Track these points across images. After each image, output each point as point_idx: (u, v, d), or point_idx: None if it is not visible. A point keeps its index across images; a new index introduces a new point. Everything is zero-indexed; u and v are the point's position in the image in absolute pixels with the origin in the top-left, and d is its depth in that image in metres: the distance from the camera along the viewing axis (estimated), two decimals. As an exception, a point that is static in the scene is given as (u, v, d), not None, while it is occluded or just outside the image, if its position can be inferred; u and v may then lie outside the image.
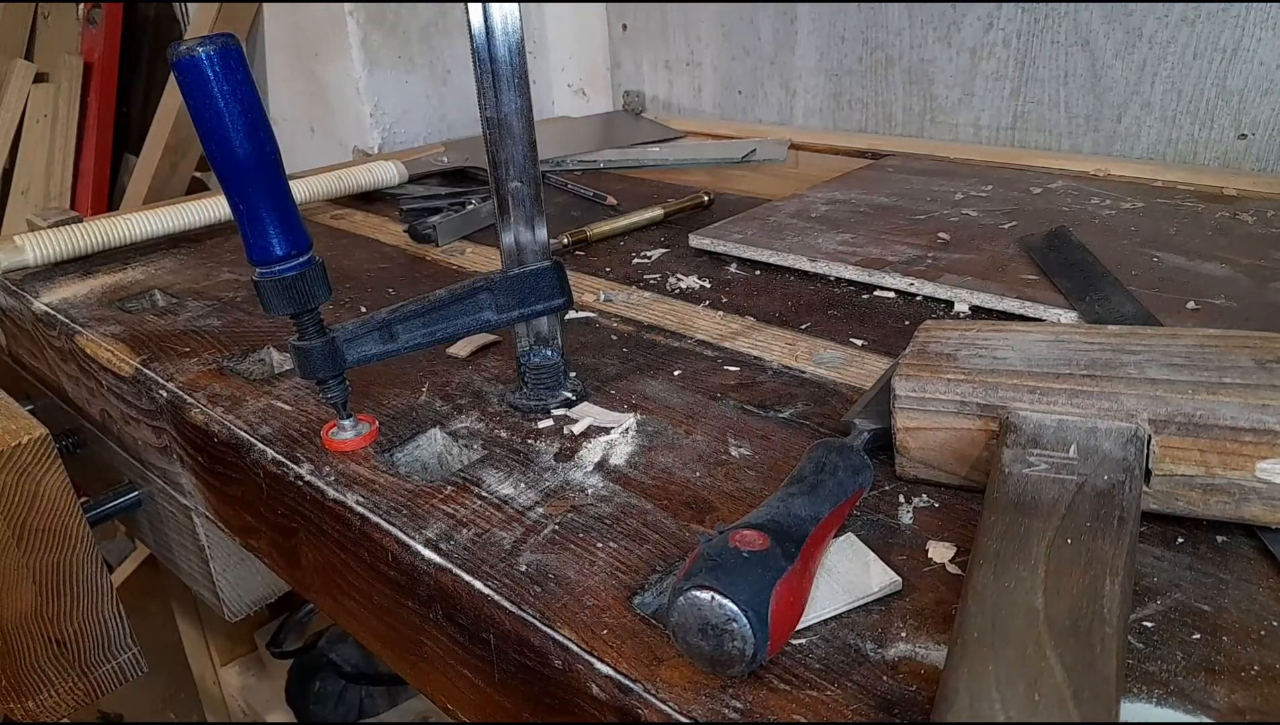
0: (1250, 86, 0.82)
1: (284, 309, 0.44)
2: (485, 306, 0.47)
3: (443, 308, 0.47)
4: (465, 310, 0.47)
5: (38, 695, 0.60)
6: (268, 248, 0.42)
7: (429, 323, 0.47)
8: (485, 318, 0.47)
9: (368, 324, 0.46)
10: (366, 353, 0.46)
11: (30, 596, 0.58)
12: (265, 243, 0.42)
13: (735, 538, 0.31)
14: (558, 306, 0.48)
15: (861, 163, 0.98)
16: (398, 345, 0.47)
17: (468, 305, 0.47)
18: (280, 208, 0.42)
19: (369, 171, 0.94)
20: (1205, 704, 0.29)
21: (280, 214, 0.42)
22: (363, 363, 0.46)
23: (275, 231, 0.42)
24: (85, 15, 1.53)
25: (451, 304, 0.47)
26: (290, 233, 0.43)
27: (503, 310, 0.47)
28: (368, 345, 0.46)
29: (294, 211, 0.43)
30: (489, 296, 0.47)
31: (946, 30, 1.00)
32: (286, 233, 0.42)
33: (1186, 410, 0.35)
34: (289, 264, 0.43)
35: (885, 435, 0.42)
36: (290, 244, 0.43)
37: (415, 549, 0.40)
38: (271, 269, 0.43)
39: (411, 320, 0.47)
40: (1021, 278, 0.61)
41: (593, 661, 0.33)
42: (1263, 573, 0.35)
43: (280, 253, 0.42)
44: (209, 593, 0.64)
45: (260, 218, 0.42)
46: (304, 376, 0.46)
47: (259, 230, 0.42)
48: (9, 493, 0.55)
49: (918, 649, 0.32)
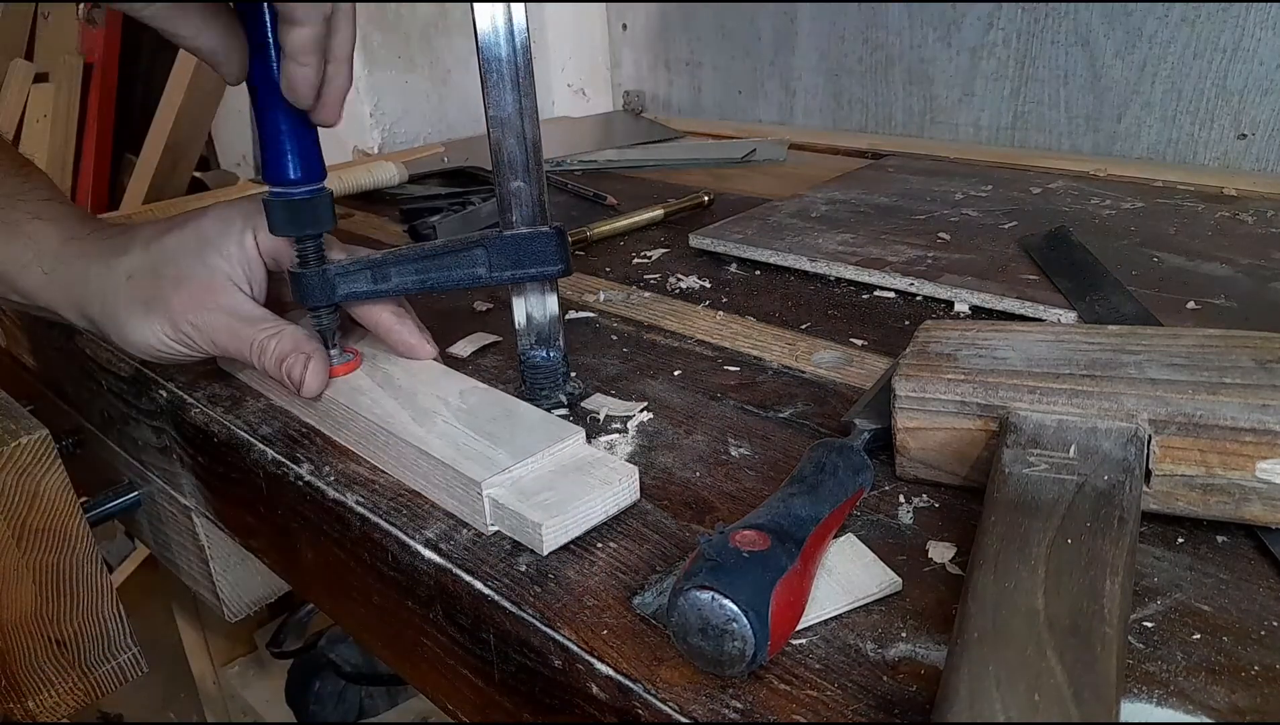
0: (1250, 86, 0.83)
1: (289, 231, 0.47)
2: (479, 262, 0.48)
3: (437, 257, 0.49)
4: (459, 262, 0.48)
5: (38, 695, 0.60)
6: (282, 168, 0.45)
7: (421, 269, 0.49)
8: (477, 273, 0.48)
9: (360, 262, 0.49)
10: (357, 289, 0.49)
11: (30, 596, 0.58)
12: (281, 163, 0.45)
13: (735, 538, 0.31)
14: (554, 272, 0.48)
15: (861, 163, 0.98)
16: (389, 286, 0.49)
17: (462, 258, 0.48)
18: (302, 133, 0.45)
19: (369, 171, 0.94)
20: (1205, 704, 0.29)
21: (301, 139, 0.45)
22: (352, 298, 0.49)
23: (293, 155, 0.45)
24: (85, 15, 1.53)
25: (446, 254, 0.49)
26: (307, 158, 0.45)
27: (495, 268, 0.48)
28: (359, 282, 0.49)
29: (315, 141, 0.46)
30: (483, 252, 0.48)
31: (946, 30, 1.00)
32: (303, 158, 0.45)
33: (1187, 410, 0.35)
34: (301, 188, 0.46)
35: (885, 435, 0.42)
36: (305, 169, 0.45)
37: (415, 549, 0.40)
38: (284, 190, 0.46)
39: (404, 263, 0.49)
40: (1021, 278, 0.61)
41: (593, 661, 0.33)
42: (1263, 573, 0.35)
43: (293, 176, 0.45)
44: (209, 593, 0.64)
45: (281, 139, 0.45)
46: (298, 301, 0.49)
47: (278, 150, 0.45)
48: (9, 493, 0.55)
49: (918, 649, 0.32)
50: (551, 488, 0.39)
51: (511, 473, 0.40)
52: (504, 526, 0.39)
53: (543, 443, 0.41)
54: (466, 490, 0.40)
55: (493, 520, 0.39)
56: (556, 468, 0.41)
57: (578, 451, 0.42)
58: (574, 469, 0.41)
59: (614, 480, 0.40)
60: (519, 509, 0.38)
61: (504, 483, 0.39)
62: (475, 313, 0.64)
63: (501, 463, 0.40)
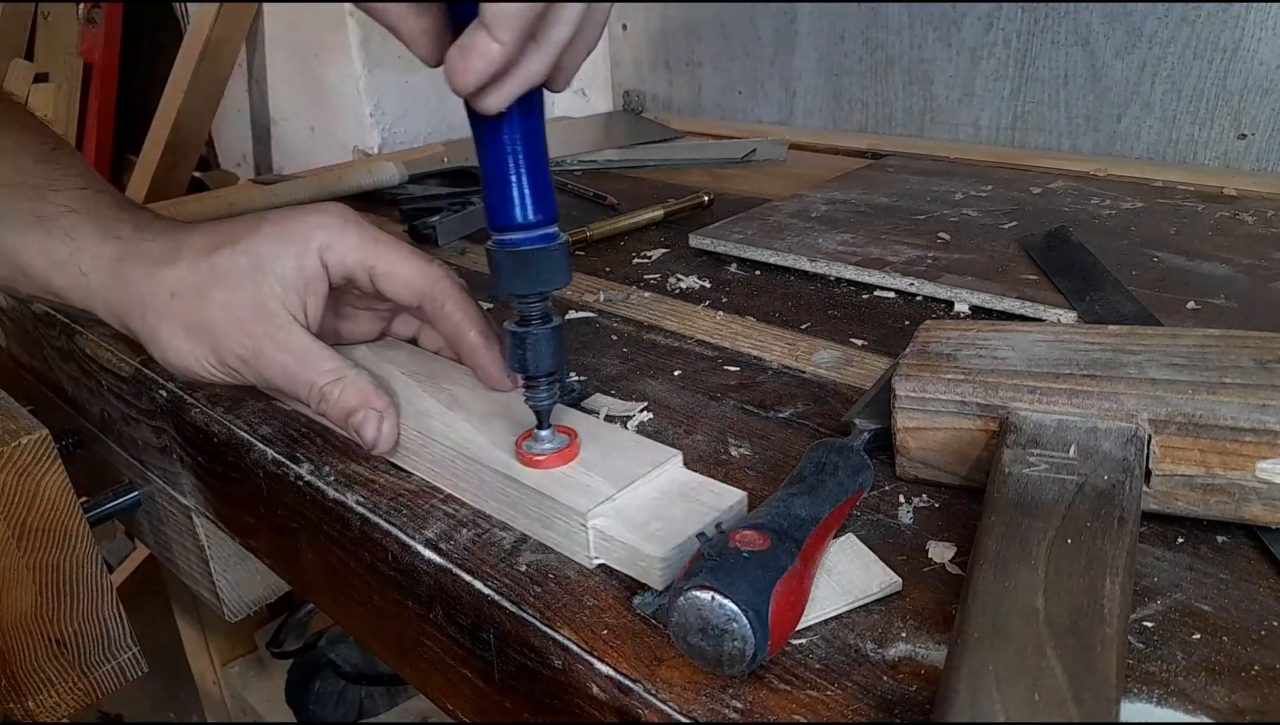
0: (1250, 86, 0.82)
1: (518, 287, 0.38)
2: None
3: None
4: None
5: (38, 695, 0.60)
6: (510, 210, 0.37)
7: None
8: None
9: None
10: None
11: (30, 596, 0.58)
12: (509, 204, 0.36)
13: (735, 538, 0.31)
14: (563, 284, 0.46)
15: (861, 163, 0.98)
16: None
17: None
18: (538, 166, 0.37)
19: (369, 171, 0.94)
20: (1205, 704, 0.29)
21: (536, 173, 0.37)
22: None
23: (527, 191, 0.36)
24: (85, 15, 1.53)
25: None
26: (541, 196, 0.37)
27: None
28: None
29: (547, 176, 0.37)
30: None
31: (946, 30, 1.00)
32: (537, 195, 0.37)
33: (1186, 410, 0.35)
34: (534, 232, 0.37)
35: (885, 435, 0.42)
36: (540, 209, 0.37)
37: (415, 549, 0.40)
38: (512, 237, 0.37)
39: None
40: (1021, 278, 0.61)
41: (593, 661, 0.33)
42: (1263, 573, 0.35)
43: (523, 220, 0.37)
44: (209, 593, 0.64)
45: (511, 173, 0.36)
46: (513, 367, 0.40)
47: (504, 188, 0.36)
48: (9, 493, 0.55)
49: (918, 649, 0.32)
50: (658, 516, 0.36)
51: (615, 501, 0.37)
52: (610, 559, 0.37)
53: (641, 467, 0.39)
54: (567, 521, 0.37)
55: (596, 552, 0.37)
56: (659, 493, 0.38)
57: (677, 475, 0.40)
58: (679, 494, 0.38)
59: (722, 505, 0.37)
60: (632, 542, 0.35)
61: (608, 512, 0.37)
62: (475, 313, 0.64)
63: (602, 491, 0.37)
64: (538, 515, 0.39)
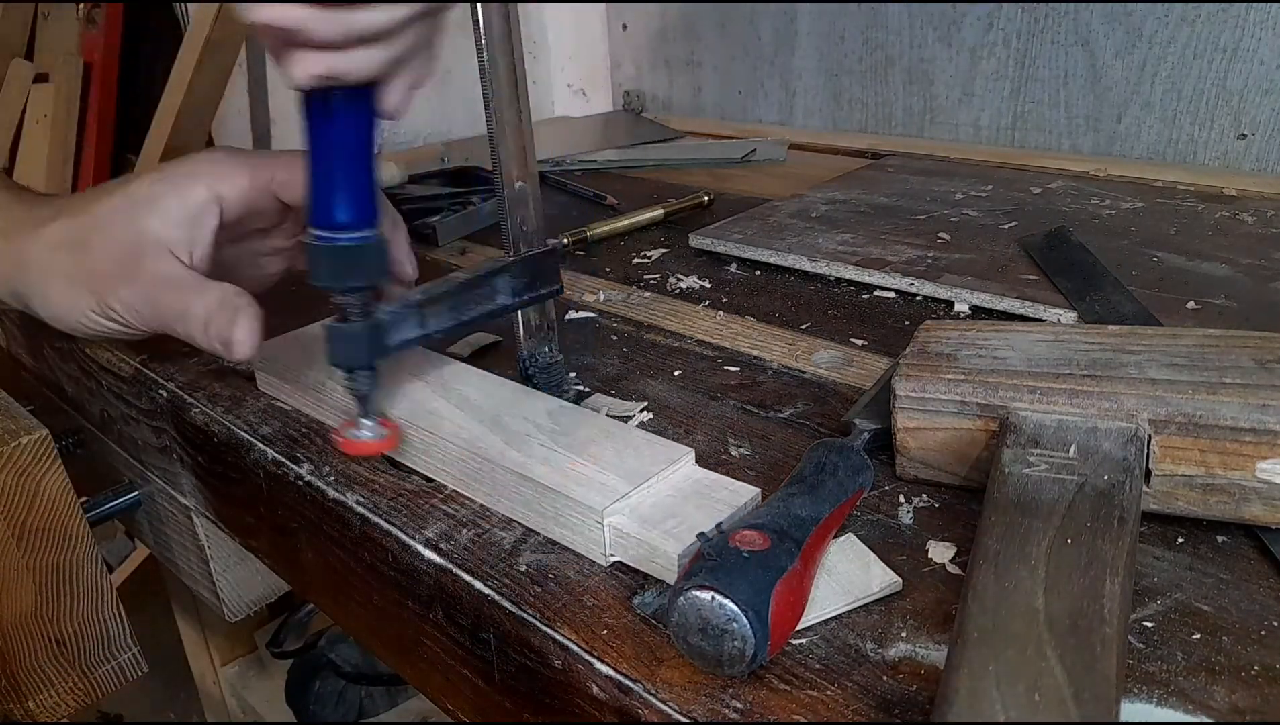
0: (1250, 86, 0.82)
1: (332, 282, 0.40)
2: (501, 291, 0.46)
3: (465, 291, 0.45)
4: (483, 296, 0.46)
5: (38, 695, 0.60)
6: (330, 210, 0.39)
7: (455, 306, 0.45)
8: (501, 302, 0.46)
9: (408, 304, 0.43)
10: (407, 336, 0.43)
11: (30, 596, 0.58)
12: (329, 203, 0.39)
13: (735, 538, 0.31)
14: (557, 291, 0.48)
15: (861, 163, 0.98)
16: (430, 329, 0.44)
17: (485, 291, 0.46)
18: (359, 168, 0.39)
19: (369, 171, 0.94)
20: (1205, 704, 0.29)
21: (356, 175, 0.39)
22: (402, 347, 0.43)
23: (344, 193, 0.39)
24: (85, 15, 1.53)
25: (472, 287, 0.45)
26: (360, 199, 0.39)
27: (517, 293, 0.46)
28: (408, 328, 0.43)
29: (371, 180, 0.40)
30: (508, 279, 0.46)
31: (946, 30, 1.00)
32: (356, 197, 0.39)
33: (1186, 410, 0.35)
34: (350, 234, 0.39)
35: (885, 435, 0.42)
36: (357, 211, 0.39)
37: (415, 549, 0.40)
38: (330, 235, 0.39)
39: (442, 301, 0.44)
40: (1021, 278, 0.61)
41: (593, 661, 0.33)
42: (1263, 573, 0.35)
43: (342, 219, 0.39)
44: (209, 593, 0.64)
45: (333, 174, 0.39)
46: (335, 362, 0.42)
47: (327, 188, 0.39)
48: (9, 493, 0.55)
49: (918, 649, 0.32)
50: (674, 514, 0.37)
51: (630, 499, 0.37)
52: (626, 556, 0.37)
53: (655, 465, 0.39)
54: (582, 518, 0.37)
55: (612, 550, 0.37)
56: (674, 491, 0.39)
57: (691, 473, 0.40)
58: (692, 492, 0.38)
59: (736, 502, 0.37)
60: (649, 539, 0.36)
61: (623, 509, 0.37)
62: (475, 313, 0.64)
63: (617, 488, 0.38)
64: (552, 514, 0.39)
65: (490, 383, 0.48)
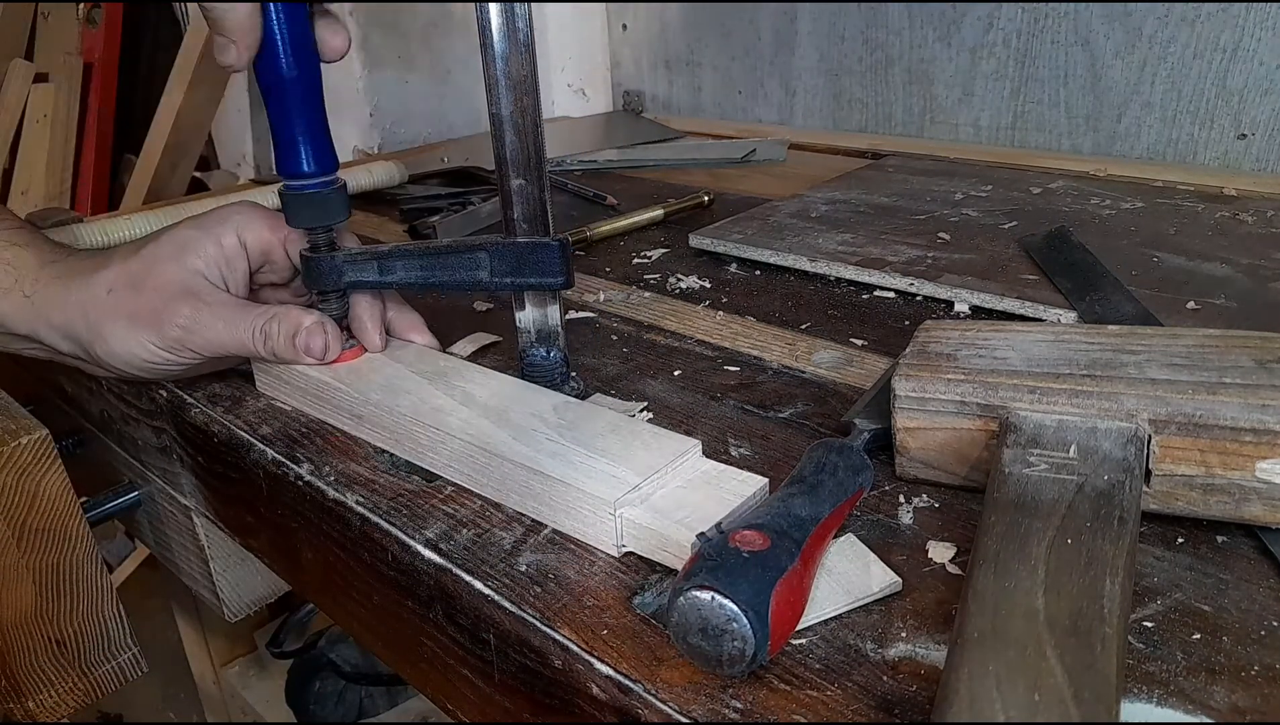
0: (1250, 86, 0.82)
1: (304, 222, 0.49)
2: (481, 266, 0.48)
3: (441, 255, 0.49)
4: (462, 264, 0.49)
5: (37, 695, 0.60)
6: (295, 161, 0.47)
7: (426, 266, 0.49)
8: (479, 276, 0.48)
9: (367, 252, 0.50)
10: (364, 278, 0.50)
11: (30, 596, 0.58)
12: (294, 156, 0.47)
13: (735, 538, 0.31)
14: (555, 284, 0.48)
15: (861, 163, 0.98)
16: (393, 278, 0.50)
17: (465, 260, 0.48)
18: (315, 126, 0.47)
19: (369, 171, 0.94)
20: (1205, 704, 0.29)
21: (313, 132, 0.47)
22: (358, 286, 0.51)
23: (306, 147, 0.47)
24: (85, 15, 1.53)
25: (449, 254, 0.49)
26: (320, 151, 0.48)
27: (497, 273, 0.48)
28: (366, 272, 0.50)
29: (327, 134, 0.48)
30: (486, 257, 0.48)
31: (946, 30, 1.00)
32: (316, 151, 0.48)
33: (1186, 410, 0.35)
34: (314, 181, 0.48)
35: (885, 435, 0.42)
36: (318, 162, 0.48)
37: (415, 549, 0.40)
38: (299, 183, 0.48)
39: (409, 258, 0.50)
40: (1021, 278, 0.61)
41: (593, 661, 0.33)
42: (1263, 573, 0.35)
43: (307, 169, 0.48)
44: (209, 593, 0.64)
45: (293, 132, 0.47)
46: (308, 285, 0.51)
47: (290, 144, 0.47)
48: (9, 493, 0.55)
49: (918, 649, 0.32)
50: (684, 505, 0.37)
51: (641, 490, 0.38)
52: (638, 546, 0.37)
53: (664, 458, 0.40)
54: (594, 511, 0.38)
55: (625, 541, 0.38)
56: (684, 483, 0.39)
57: (698, 464, 0.40)
58: (702, 483, 0.39)
59: (745, 492, 0.38)
60: (663, 529, 0.36)
61: (635, 501, 0.38)
62: (475, 313, 0.64)
63: (629, 480, 0.38)
64: (563, 506, 0.39)
65: (493, 379, 0.49)
